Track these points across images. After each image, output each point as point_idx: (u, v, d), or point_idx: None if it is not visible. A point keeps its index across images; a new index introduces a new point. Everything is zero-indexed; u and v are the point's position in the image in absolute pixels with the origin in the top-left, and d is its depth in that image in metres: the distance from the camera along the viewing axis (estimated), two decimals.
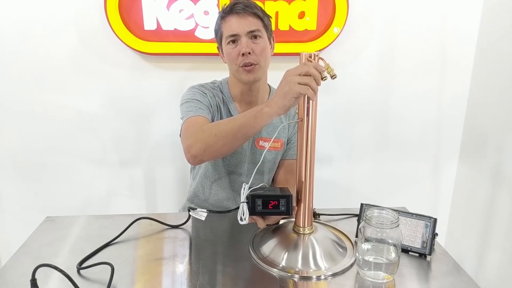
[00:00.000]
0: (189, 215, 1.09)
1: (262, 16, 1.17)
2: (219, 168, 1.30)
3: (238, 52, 1.15)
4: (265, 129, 1.28)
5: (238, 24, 1.13)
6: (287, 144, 1.33)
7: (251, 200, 0.90)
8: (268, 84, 1.31)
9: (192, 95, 1.21)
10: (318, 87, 0.86)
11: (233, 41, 1.15)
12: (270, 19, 1.21)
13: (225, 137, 0.98)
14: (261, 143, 1.28)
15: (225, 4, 1.18)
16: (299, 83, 0.84)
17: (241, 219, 0.90)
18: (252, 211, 0.91)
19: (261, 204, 0.90)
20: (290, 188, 0.98)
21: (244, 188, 0.90)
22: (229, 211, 1.07)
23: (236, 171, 1.30)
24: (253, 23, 1.14)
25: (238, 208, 0.92)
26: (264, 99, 1.29)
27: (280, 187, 0.99)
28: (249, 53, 1.13)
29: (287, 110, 0.89)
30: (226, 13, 1.16)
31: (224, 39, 1.17)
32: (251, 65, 1.15)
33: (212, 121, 1.20)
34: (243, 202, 0.90)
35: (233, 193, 1.33)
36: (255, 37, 1.15)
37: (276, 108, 0.89)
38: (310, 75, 0.84)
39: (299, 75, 0.85)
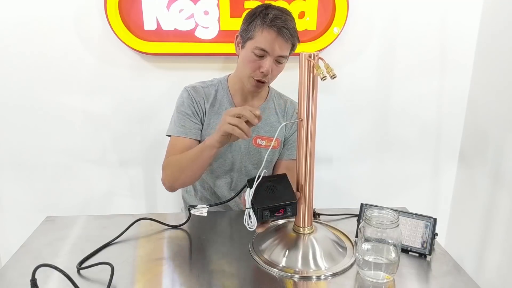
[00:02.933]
0: (189, 215, 1.09)
1: (295, 44, 1.17)
2: (214, 170, 1.31)
3: (258, 66, 1.14)
4: (263, 127, 1.29)
5: (273, 44, 1.11)
6: (285, 144, 1.34)
7: (259, 213, 0.87)
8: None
9: (181, 103, 1.25)
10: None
11: (260, 55, 1.13)
12: (299, 43, 1.20)
13: (187, 169, 1.13)
14: (258, 141, 1.29)
15: (270, 10, 1.12)
16: (229, 123, 0.93)
17: (250, 227, 0.88)
18: (259, 219, 0.88)
19: (268, 213, 0.88)
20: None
21: (249, 193, 0.87)
22: (228, 200, 1.05)
23: (233, 168, 1.31)
24: (285, 49, 1.14)
25: (235, 196, 0.97)
26: (262, 97, 1.31)
27: (280, 177, 0.95)
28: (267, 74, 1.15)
29: (223, 144, 1.01)
30: (271, 27, 1.10)
31: (251, 44, 1.13)
32: (263, 82, 1.17)
33: (201, 123, 1.26)
34: (249, 208, 0.87)
35: (230, 192, 1.34)
36: (280, 61, 1.15)
37: (213, 142, 1.01)
38: (241, 117, 0.92)
39: (233, 115, 0.94)
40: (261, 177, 0.88)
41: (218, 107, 1.27)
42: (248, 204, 0.88)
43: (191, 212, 1.05)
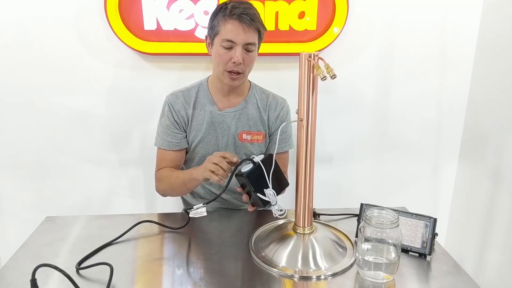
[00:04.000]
0: (188, 218, 1.08)
1: (261, 30, 1.19)
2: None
3: (229, 57, 1.16)
4: (247, 123, 1.31)
5: (238, 33, 1.14)
6: (270, 140, 1.35)
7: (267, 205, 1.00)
8: (249, 80, 1.34)
9: (162, 115, 1.31)
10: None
11: (228, 46, 1.16)
12: (265, 31, 1.23)
13: (177, 190, 1.28)
14: (244, 136, 1.31)
15: (229, 3, 1.15)
16: (208, 169, 1.03)
17: (281, 214, 0.98)
18: (261, 205, 0.99)
19: None
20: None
21: (272, 195, 0.96)
22: (219, 195, 1.05)
23: None
24: (252, 37, 1.16)
25: (226, 188, 1.02)
26: (243, 93, 1.32)
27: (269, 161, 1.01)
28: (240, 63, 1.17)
29: (207, 181, 1.08)
30: (231, 17, 1.13)
31: (218, 39, 1.17)
32: (237, 73, 1.19)
33: (184, 130, 1.30)
34: (274, 205, 0.97)
35: (220, 186, 1.34)
36: (249, 49, 1.18)
37: (199, 177, 1.09)
38: (217, 164, 1.02)
39: (213, 162, 1.03)
40: (270, 179, 0.96)
41: (200, 108, 1.30)
42: (274, 201, 0.96)
43: (190, 216, 1.04)
